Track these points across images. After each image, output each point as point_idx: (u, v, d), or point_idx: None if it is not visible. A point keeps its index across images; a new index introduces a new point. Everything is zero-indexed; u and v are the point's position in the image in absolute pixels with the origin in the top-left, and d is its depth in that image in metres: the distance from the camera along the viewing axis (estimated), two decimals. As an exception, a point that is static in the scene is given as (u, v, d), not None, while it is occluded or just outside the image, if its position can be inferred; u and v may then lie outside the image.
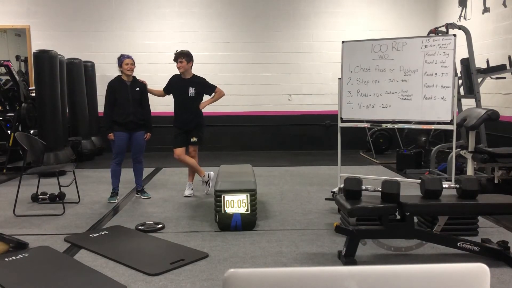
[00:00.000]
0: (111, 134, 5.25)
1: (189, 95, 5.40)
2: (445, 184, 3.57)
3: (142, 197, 5.47)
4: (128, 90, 5.29)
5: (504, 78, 6.56)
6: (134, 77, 5.40)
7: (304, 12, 9.34)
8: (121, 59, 5.29)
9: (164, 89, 5.61)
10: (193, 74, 5.50)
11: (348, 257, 3.39)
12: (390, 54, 4.98)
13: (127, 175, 5.97)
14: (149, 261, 3.51)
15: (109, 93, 5.30)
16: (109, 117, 5.28)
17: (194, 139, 5.47)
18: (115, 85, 5.31)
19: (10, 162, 7.16)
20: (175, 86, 5.48)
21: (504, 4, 6.95)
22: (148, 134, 5.47)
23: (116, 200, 5.32)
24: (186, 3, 9.22)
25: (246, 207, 4.29)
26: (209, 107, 5.72)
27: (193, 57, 5.46)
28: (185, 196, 5.54)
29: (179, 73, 5.46)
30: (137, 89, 5.34)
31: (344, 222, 4.00)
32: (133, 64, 5.31)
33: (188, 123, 5.45)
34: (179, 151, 5.44)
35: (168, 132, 6.59)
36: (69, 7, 9.08)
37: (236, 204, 4.29)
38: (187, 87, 5.40)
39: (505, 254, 3.39)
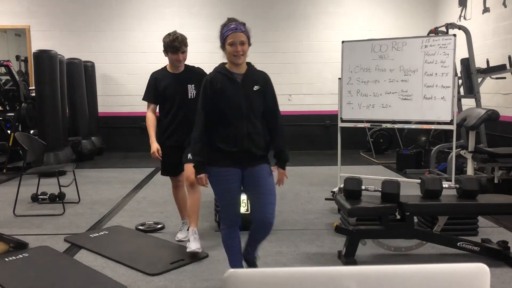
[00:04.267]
0: (202, 176, 2.80)
1: (189, 97, 5.35)
2: (445, 184, 3.57)
3: None
4: (241, 93, 2.78)
5: (504, 78, 6.56)
6: (249, 64, 2.90)
7: (304, 12, 9.34)
8: (224, 33, 2.96)
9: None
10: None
11: (348, 257, 3.39)
12: (390, 54, 4.98)
13: (128, 174, 5.96)
14: (149, 261, 3.51)
15: (204, 98, 2.82)
16: (200, 143, 2.80)
17: None
18: (216, 84, 2.80)
19: (10, 162, 7.16)
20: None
21: (504, 4, 6.95)
22: (282, 171, 2.94)
23: None
24: (186, 3, 9.22)
25: (246, 207, 4.29)
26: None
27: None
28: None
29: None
30: (256, 87, 2.81)
31: (344, 222, 4.00)
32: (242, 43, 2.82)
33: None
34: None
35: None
36: (69, 7, 9.08)
37: (236, 204, 4.27)
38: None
39: (505, 254, 3.39)
